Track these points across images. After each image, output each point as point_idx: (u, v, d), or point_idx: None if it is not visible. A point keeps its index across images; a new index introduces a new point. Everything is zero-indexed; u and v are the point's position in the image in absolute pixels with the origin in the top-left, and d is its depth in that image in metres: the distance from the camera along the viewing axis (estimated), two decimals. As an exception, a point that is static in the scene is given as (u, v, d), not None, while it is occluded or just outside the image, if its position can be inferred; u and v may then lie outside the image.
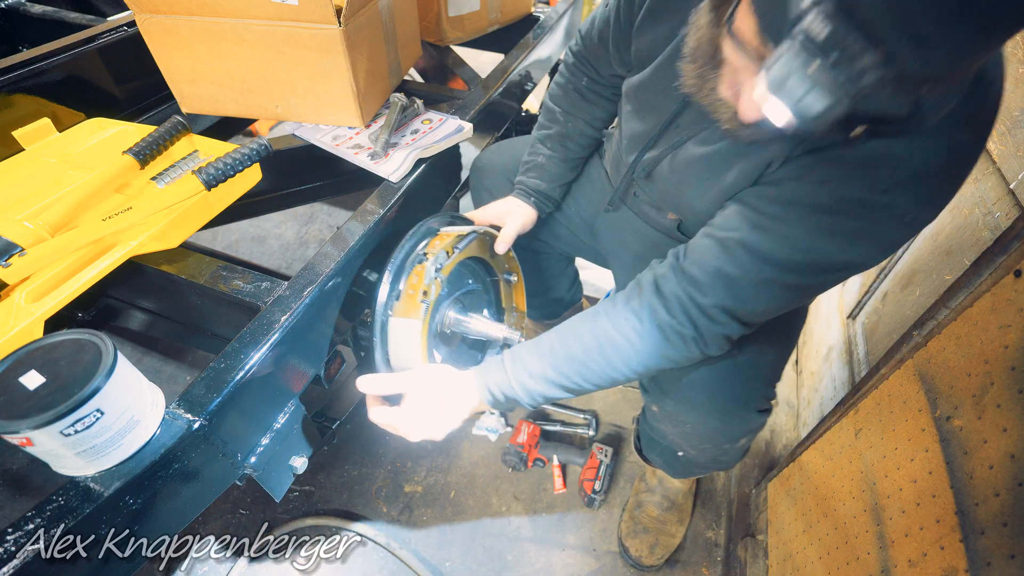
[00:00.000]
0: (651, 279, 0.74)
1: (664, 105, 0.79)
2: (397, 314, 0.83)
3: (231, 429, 0.68)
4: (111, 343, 0.55)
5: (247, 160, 0.87)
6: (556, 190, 1.05)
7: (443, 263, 0.84)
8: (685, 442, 0.91)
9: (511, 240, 0.98)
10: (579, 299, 1.48)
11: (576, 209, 1.09)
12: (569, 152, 1.04)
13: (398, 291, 0.83)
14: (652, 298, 0.72)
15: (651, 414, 0.95)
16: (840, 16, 0.38)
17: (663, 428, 0.93)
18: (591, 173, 1.08)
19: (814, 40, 0.39)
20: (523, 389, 0.75)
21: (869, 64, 0.38)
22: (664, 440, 0.97)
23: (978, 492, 0.59)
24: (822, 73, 0.40)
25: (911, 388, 0.77)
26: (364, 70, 1.03)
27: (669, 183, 0.83)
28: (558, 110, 1.03)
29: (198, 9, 0.94)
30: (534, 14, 1.70)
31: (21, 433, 0.50)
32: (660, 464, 1.13)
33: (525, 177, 1.04)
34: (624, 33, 0.86)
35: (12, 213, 0.76)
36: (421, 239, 0.88)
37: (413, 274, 0.84)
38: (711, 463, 0.97)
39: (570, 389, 0.76)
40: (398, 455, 1.40)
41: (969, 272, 0.73)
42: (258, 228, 2.06)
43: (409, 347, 0.83)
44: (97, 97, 1.17)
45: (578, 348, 0.74)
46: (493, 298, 1.10)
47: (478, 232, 0.91)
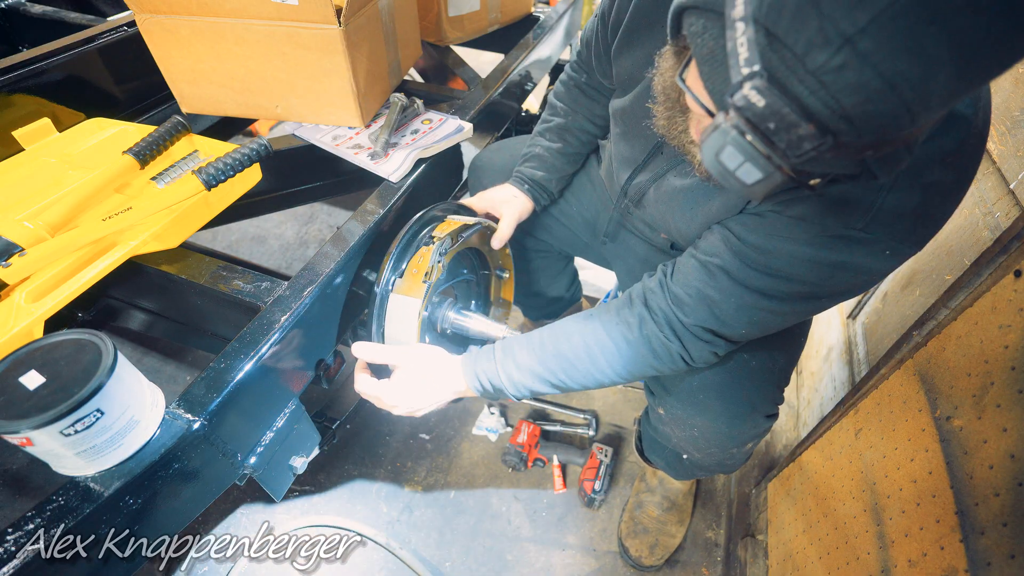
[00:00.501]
0: (641, 292, 0.76)
1: (649, 132, 0.79)
2: (398, 291, 0.84)
3: (231, 429, 0.68)
4: (111, 343, 0.56)
5: (247, 160, 0.87)
6: (553, 182, 1.04)
7: (447, 248, 0.86)
8: (691, 446, 0.91)
9: (508, 236, 0.98)
10: (579, 299, 1.47)
11: (578, 208, 1.09)
12: (568, 145, 1.03)
13: (401, 269, 0.84)
14: (641, 310, 0.74)
15: (656, 417, 0.95)
16: (774, 90, 0.38)
17: (668, 431, 0.93)
18: (591, 174, 1.07)
19: (750, 110, 0.39)
20: (509, 380, 0.77)
21: (805, 135, 0.39)
22: (668, 443, 0.97)
23: (978, 492, 0.59)
24: (757, 143, 0.40)
25: (911, 388, 0.77)
26: (364, 70, 1.03)
27: (656, 210, 0.85)
28: (560, 105, 1.04)
29: (198, 9, 0.94)
30: (534, 14, 1.70)
31: (21, 433, 0.50)
32: (662, 466, 1.13)
33: (523, 167, 1.04)
34: (605, 52, 0.88)
35: (12, 213, 0.76)
36: (428, 223, 0.90)
37: (418, 255, 0.85)
38: (716, 466, 0.96)
39: (555, 385, 0.77)
40: (398, 455, 1.40)
41: (969, 272, 0.73)
42: (258, 228, 2.06)
43: (406, 324, 0.84)
44: (97, 97, 1.17)
45: (567, 347, 0.76)
46: (482, 290, 1.11)
47: (482, 224, 0.93)
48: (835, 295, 0.66)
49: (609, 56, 0.88)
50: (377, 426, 1.46)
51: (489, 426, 1.43)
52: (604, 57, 0.90)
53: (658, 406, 0.91)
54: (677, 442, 0.93)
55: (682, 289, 0.70)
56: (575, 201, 1.09)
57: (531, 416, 1.48)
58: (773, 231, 0.64)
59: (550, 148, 1.03)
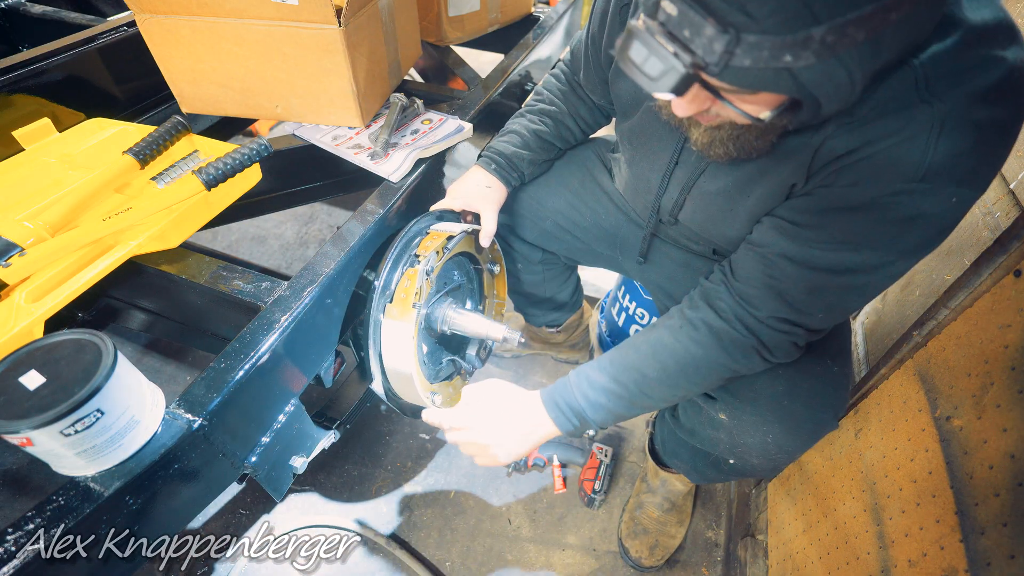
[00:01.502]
0: (703, 293, 0.73)
1: (662, 147, 0.79)
2: (389, 316, 0.84)
3: (231, 429, 0.68)
4: (111, 343, 0.55)
5: (247, 160, 0.87)
6: (525, 161, 1.00)
7: (433, 265, 0.86)
8: (755, 452, 0.84)
9: (494, 229, 0.96)
10: (580, 304, 1.47)
11: (593, 219, 1.05)
12: (547, 129, 1.01)
13: (390, 293, 0.85)
14: (707, 311, 0.72)
15: (707, 421, 0.89)
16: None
17: (723, 436, 0.86)
18: (603, 184, 1.05)
19: (663, 15, 0.44)
20: (586, 400, 0.75)
21: (712, 34, 0.42)
22: (715, 448, 0.91)
23: (978, 492, 0.59)
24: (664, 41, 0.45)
25: (911, 388, 0.77)
26: (364, 70, 1.03)
27: (694, 222, 0.83)
28: (546, 93, 1.04)
29: (198, 9, 0.94)
30: (534, 14, 1.70)
31: (21, 433, 0.50)
32: (685, 469, 1.10)
33: (494, 142, 1.01)
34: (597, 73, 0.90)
35: (12, 213, 0.76)
36: (412, 240, 0.89)
37: (405, 277, 0.85)
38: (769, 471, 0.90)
39: (632, 402, 0.75)
40: (398, 455, 1.40)
41: (969, 272, 0.73)
42: (258, 228, 2.06)
43: (402, 349, 0.85)
44: (97, 97, 1.17)
45: (635, 358, 0.74)
46: (476, 286, 1.10)
47: (466, 232, 0.92)
48: (907, 254, 0.62)
49: (603, 78, 0.90)
50: (377, 426, 1.46)
51: (489, 426, 1.43)
52: (596, 78, 0.92)
53: (720, 412, 0.85)
54: (731, 448, 0.87)
55: (747, 286, 0.69)
56: (588, 212, 1.05)
57: (531, 416, 1.48)
58: (826, 204, 0.62)
59: (528, 127, 1.01)
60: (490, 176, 0.98)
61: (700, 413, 0.92)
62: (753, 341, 0.69)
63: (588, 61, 0.92)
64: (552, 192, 1.06)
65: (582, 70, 0.95)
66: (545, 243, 1.11)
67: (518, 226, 1.10)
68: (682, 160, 0.79)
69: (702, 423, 0.92)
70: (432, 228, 0.92)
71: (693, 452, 1.03)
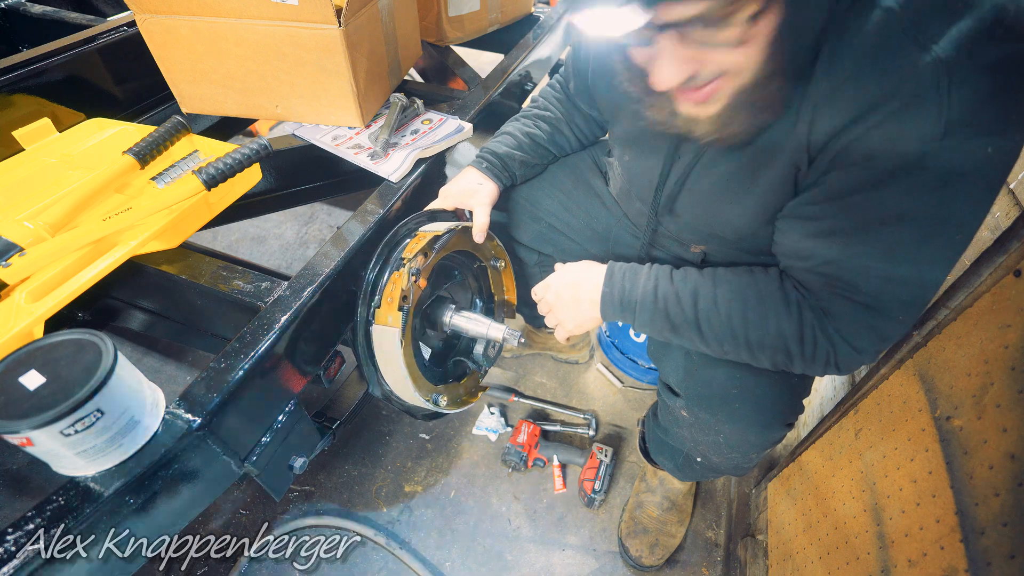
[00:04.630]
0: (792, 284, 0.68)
1: (658, 143, 0.79)
2: (378, 321, 0.84)
3: (231, 429, 0.68)
4: (111, 343, 0.55)
5: (247, 160, 0.87)
6: (517, 161, 0.99)
7: (419, 268, 0.84)
8: (711, 450, 0.88)
9: (486, 225, 0.94)
10: None
11: (586, 221, 1.05)
12: (540, 130, 1.01)
13: (378, 299, 0.84)
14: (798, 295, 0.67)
15: (673, 419, 0.92)
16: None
17: (686, 434, 0.90)
18: (597, 188, 1.05)
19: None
20: (643, 292, 0.75)
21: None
22: (683, 446, 0.94)
23: (978, 492, 0.59)
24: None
25: (911, 388, 0.77)
26: (364, 70, 1.03)
27: (696, 211, 0.81)
28: (542, 100, 1.05)
29: (198, 9, 0.94)
30: (534, 14, 1.70)
31: (21, 433, 0.50)
32: (669, 467, 1.12)
33: (489, 143, 1.02)
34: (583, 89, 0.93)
35: (12, 213, 0.76)
36: (399, 243, 0.88)
37: (391, 281, 0.84)
38: (731, 469, 0.94)
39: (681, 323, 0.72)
40: (398, 455, 1.40)
41: (969, 272, 0.73)
42: (258, 228, 2.06)
43: (392, 353, 0.84)
44: (97, 97, 1.17)
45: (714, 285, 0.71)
46: (483, 285, 1.09)
47: (455, 229, 0.90)
48: (963, 223, 0.55)
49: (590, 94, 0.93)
50: (377, 426, 1.46)
51: (489, 426, 1.43)
52: (581, 84, 0.95)
53: (682, 409, 0.87)
54: (694, 445, 0.90)
55: (825, 303, 0.64)
56: (582, 214, 1.06)
57: (531, 416, 1.48)
58: (846, 188, 0.57)
59: (521, 129, 1.02)
60: (481, 175, 0.98)
61: (668, 411, 0.94)
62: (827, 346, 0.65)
63: (577, 69, 0.93)
64: (546, 194, 1.06)
65: (572, 79, 0.98)
66: (540, 245, 1.11)
67: (514, 228, 1.10)
68: (680, 153, 0.78)
69: (670, 420, 0.94)
70: (422, 229, 0.91)
71: (672, 451, 1.05)
